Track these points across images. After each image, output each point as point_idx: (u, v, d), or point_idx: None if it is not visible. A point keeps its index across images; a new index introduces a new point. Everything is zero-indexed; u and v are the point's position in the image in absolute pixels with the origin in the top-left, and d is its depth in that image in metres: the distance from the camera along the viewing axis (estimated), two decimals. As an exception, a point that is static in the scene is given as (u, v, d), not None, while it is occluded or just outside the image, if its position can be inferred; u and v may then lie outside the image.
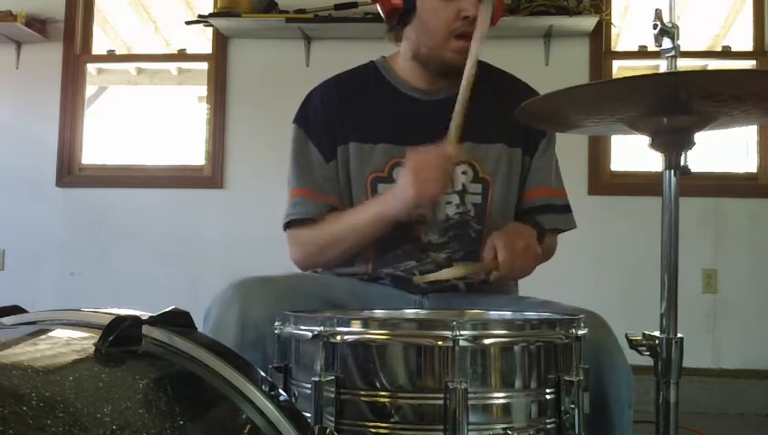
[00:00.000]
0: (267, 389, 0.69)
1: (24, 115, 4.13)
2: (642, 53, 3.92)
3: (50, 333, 0.74)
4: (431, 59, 1.47)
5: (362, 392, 0.93)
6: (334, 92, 1.55)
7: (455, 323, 0.90)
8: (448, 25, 1.41)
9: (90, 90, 4.61)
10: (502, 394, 0.93)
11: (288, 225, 1.52)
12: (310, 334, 0.96)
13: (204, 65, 4.17)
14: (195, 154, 4.18)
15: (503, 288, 1.53)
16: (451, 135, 1.33)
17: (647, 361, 1.05)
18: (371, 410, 0.92)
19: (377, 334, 0.94)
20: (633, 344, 1.05)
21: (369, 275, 1.49)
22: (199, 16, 3.92)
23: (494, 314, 1.25)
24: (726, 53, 4.05)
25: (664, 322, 1.03)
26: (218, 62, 4.04)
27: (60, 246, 4.06)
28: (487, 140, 1.49)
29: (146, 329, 0.70)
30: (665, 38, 1.03)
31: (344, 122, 1.51)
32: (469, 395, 0.88)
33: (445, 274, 1.38)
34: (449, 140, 1.33)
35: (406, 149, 1.47)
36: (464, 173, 1.46)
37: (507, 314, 1.20)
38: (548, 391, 0.96)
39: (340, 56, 2.38)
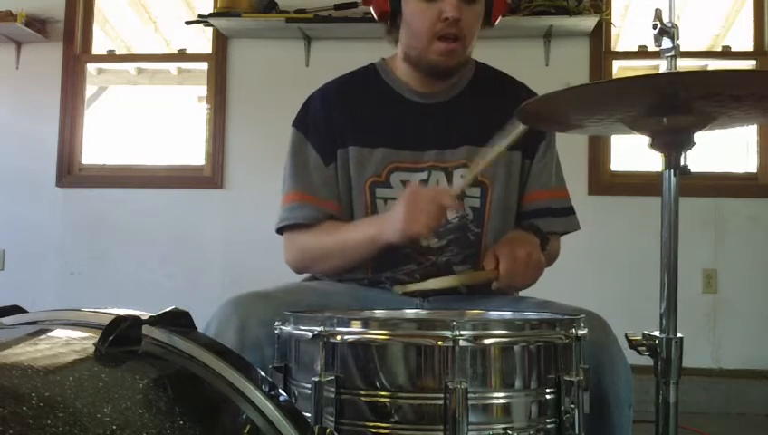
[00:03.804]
0: (267, 389, 0.69)
1: (24, 115, 4.14)
2: (642, 52, 3.92)
3: (50, 333, 0.74)
4: (419, 61, 1.47)
5: (362, 392, 0.93)
6: (334, 95, 1.54)
7: (455, 323, 0.90)
8: (431, 27, 1.41)
9: (90, 90, 4.62)
10: (502, 394, 0.93)
11: (284, 229, 1.52)
12: (310, 334, 0.96)
13: (204, 65, 4.17)
14: (195, 154, 4.18)
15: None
16: (459, 184, 1.33)
17: (647, 361, 1.05)
18: (371, 410, 0.92)
19: (377, 334, 0.94)
20: (633, 344, 1.05)
21: (368, 279, 1.49)
22: (199, 16, 3.92)
23: (494, 314, 1.25)
24: (726, 53, 4.06)
25: (664, 322, 1.03)
26: (218, 62, 4.04)
27: (60, 246, 4.06)
28: (486, 143, 1.49)
29: (146, 329, 0.70)
30: (664, 38, 1.03)
31: (344, 126, 1.50)
32: (469, 395, 0.88)
33: (432, 283, 1.37)
34: (455, 188, 1.32)
35: (404, 153, 1.47)
36: (462, 177, 1.45)
37: (507, 314, 1.20)
38: (548, 391, 0.96)
39: (340, 56, 2.38)
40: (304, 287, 1.50)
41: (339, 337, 0.94)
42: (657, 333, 1.03)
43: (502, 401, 0.93)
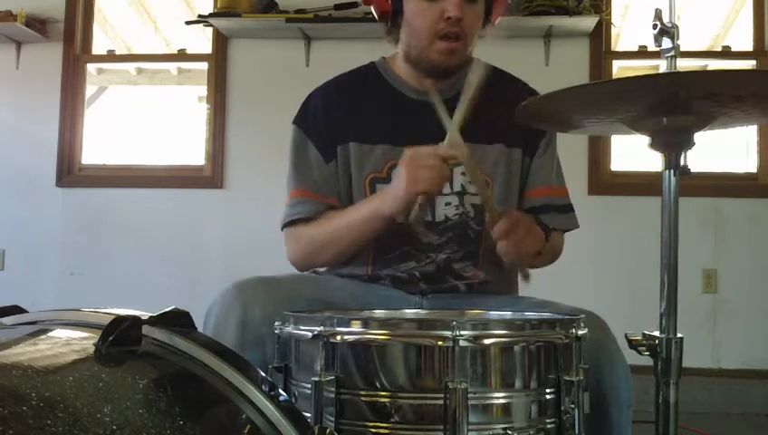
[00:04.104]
0: (267, 389, 0.69)
1: (24, 115, 4.14)
2: (642, 52, 3.92)
3: (50, 333, 0.74)
4: (420, 60, 1.47)
5: (362, 392, 0.93)
6: (334, 93, 1.55)
7: (455, 323, 0.90)
8: (432, 26, 1.41)
9: (90, 90, 4.61)
10: (502, 394, 0.93)
11: (286, 225, 1.52)
12: (310, 334, 0.96)
13: (204, 65, 4.17)
14: (195, 154, 4.18)
15: (502, 288, 1.53)
16: (451, 134, 1.32)
17: (647, 361, 1.05)
18: (371, 410, 0.92)
19: (377, 334, 0.94)
20: (633, 344, 1.05)
21: (368, 276, 1.49)
22: (199, 16, 3.92)
23: (494, 314, 1.25)
24: (726, 53, 4.06)
25: (664, 322, 1.03)
26: (218, 62, 4.04)
27: (60, 246, 4.06)
28: (486, 140, 1.49)
29: (146, 329, 0.70)
30: (664, 38, 1.03)
31: (344, 123, 1.51)
32: (469, 395, 0.88)
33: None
34: (447, 139, 1.31)
35: (404, 150, 1.48)
36: (462, 174, 1.45)
37: (507, 314, 1.20)
38: (548, 391, 0.96)
39: (340, 56, 2.38)
40: (306, 277, 1.51)
41: (339, 337, 0.94)
42: (657, 333, 1.03)
43: (502, 401, 0.93)
